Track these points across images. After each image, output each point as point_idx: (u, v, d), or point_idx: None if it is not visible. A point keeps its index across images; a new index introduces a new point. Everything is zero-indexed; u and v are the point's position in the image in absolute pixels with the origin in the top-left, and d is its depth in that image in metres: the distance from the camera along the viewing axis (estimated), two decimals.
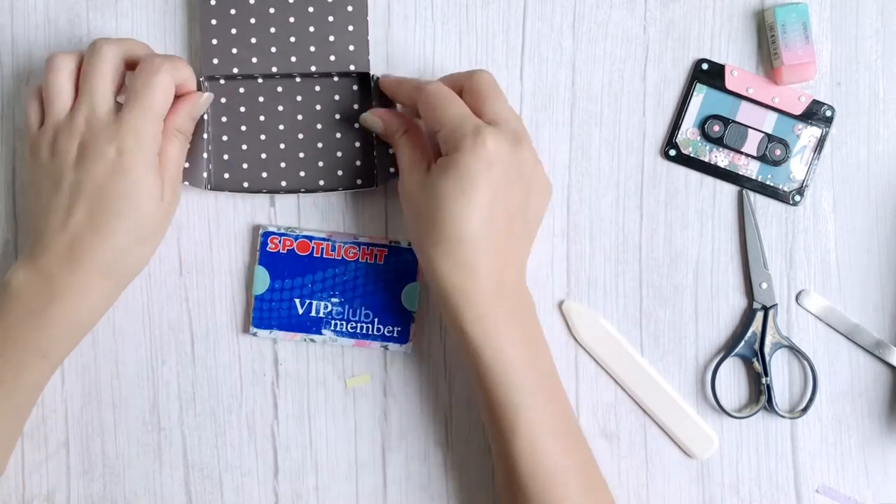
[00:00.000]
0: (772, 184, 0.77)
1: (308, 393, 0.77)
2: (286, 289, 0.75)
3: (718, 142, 0.77)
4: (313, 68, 0.75)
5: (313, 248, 0.75)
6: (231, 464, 0.77)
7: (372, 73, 0.75)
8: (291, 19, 0.75)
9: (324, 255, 0.75)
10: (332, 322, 0.76)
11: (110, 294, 0.71)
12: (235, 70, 0.74)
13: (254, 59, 0.75)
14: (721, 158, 0.77)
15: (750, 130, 0.77)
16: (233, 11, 0.74)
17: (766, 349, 0.77)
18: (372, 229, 0.76)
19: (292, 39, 0.75)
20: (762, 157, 0.77)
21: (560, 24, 0.77)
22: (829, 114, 0.77)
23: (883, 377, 0.78)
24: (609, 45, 0.77)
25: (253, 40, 0.75)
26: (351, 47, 0.75)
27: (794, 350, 0.77)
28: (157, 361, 0.77)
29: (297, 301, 0.76)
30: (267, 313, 0.76)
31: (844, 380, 0.78)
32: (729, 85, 0.77)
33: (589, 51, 0.77)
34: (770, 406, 0.77)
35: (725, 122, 0.77)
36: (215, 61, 0.75)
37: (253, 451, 0.77)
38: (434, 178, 0.68)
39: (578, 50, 0.77)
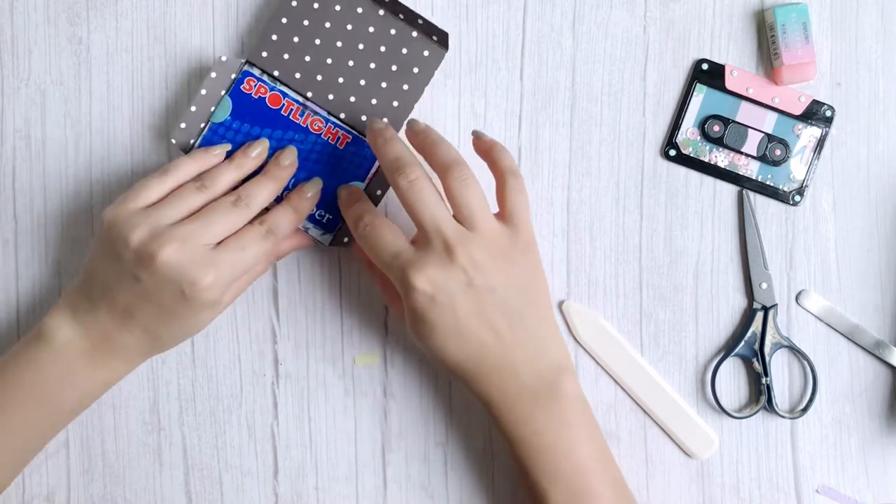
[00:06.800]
0: (772, 184, 0.77)
1: (308, 393, 0.77)
2: (243, 132, 0.74)
3: (718, 142, 0.77)
4: (342, 115, 0.74)
5: (284, 104, 0.74)
6: (231, 464, 0.77)
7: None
8: (350, 63, 0.74)
9: (290, 117, 0.74)
10: None
11: (144, 358, 0.73)
12: (276, 73, 0.74)
13: (297, 75, 0.74)
14: (721, 158, 0.77)
15: (750, 130, 0.77)
16: (305, 22, 0.74)
17: (766, 349, 0.77)
18: None
19: (340, 80, 0.74)
20: (762, 157, 0.77)
21: (560, 24, 0.77)
22: (829, 114, 0.77)
23: (883, 377, 0.78)
24: (609, 45, 0.77)
25: (307, 59, 0.74)
26: (385, 120, 0.75)
27: (794, 350, 0.77)
28: (157, 361, 0.77)
29: None
30: (217, 142, 0.74)
31: (844, 380, 0.78)
32: (729, 85, 0.77)
33: (589, 51, 0.77)
34: (770, 406, 0.77)
35: (725, 122, 0.77)
36: (264, 54, 0.74)
37: (253, 451, 0.77)
38: (409, 325, 0.69)
39: (578, 50, 0.77)
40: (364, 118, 0.75)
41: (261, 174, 0.72)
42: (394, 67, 0.75)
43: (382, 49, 0.75)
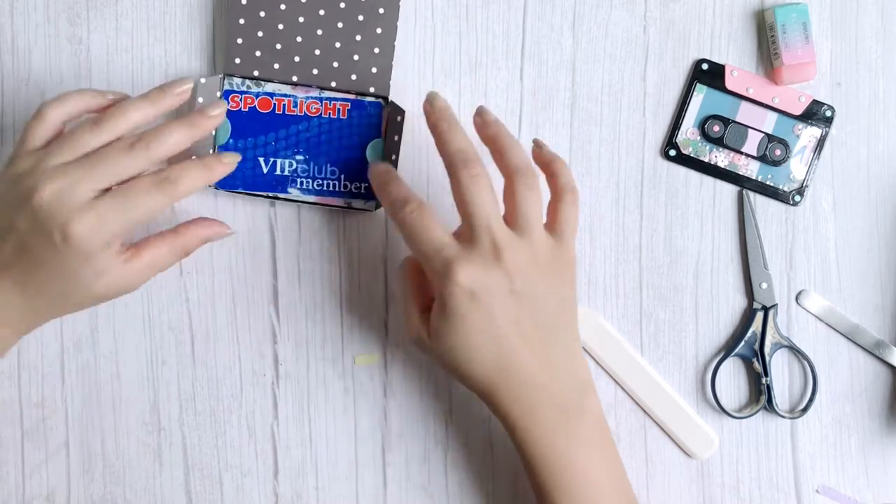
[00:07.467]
0: (772, 184, 0.77)
1: (308, 393, 0.77)
2: (249, 147, 0.74)
3: (718, 142, 0.77)
4: (333, 84, 0.75)
5: (275, 104, 0.74)
6: (231, 464, 0.77)
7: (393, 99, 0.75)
8: (319, 32, 0.74)
9: (286, 112, 0.74)
10: (298, 180, 0.75)
11: (27, 326, 0.68)
12: (256, 73, 0.74)
13: (276, 65, 0.74)
14: (721, 158, 0.77)
15: (750, 130, 0.77)
16: (262, 14, 0.74)
17: (766, 349, 0.77)
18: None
19: (317, 52, 0.74)
20: (762, 158, 0.77)
21: (560, 24, 0.77)
22: (829, 114, 0.77)
23: (883, 377, 0.78)
24: (609, 45, 0.77)
25: (278, 46, 0.74)
26: (374, 69, 0.75)
27: (794, 350, 0.77)
28: (157, 361, 0.77)
29: (262, 160, 0.75)
30: (231, 171, 0.73)
31: (844, 380, 0.78)
32: (729, 85, 0.77)
33: (589, 51, 0.77)
34: (770, 406, 0.77)
35: (725, 122, 0.77)
36: (237, 60, 0.74)
37: (253, 451, 0.77)
38: (439, 325, 0.66)
39: (578, 50, 0.77)
40: (354, 77, 0.75)
41: (175, 119, 0.67)
42: (360, 17, 0.75)
43: (342, 5, 0.75)
